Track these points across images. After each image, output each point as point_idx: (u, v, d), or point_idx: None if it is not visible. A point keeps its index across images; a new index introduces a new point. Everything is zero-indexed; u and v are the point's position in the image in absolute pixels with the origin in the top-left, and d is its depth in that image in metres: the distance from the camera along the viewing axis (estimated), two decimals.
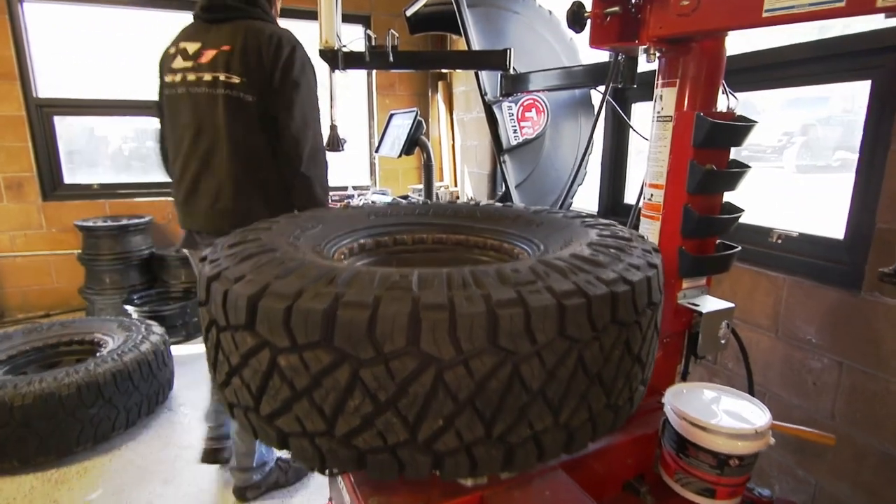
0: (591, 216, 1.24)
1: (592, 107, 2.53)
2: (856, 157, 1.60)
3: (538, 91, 2.17)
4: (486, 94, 2.16)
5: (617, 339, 0.78)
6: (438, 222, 1.38)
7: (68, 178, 3.66)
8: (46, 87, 3.54)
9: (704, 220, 1.28)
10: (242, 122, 1.66)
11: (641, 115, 2.49)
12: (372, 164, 4.47)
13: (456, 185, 4.21)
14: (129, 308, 3.09)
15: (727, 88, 1.31)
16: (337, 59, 1.87)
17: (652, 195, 1.37)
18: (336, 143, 2.05)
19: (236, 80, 1.63)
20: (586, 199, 2.74)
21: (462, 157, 4.15)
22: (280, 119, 1.66)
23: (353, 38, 1.97)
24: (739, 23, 1.07)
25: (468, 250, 1.35)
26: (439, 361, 0.68)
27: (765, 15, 1.02)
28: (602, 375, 0.78)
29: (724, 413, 1.19)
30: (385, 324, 0.67)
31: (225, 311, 0.79)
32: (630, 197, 2.55)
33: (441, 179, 4.33)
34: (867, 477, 1.51)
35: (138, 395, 2.15)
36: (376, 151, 3.29)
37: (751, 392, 1.46)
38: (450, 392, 0.69)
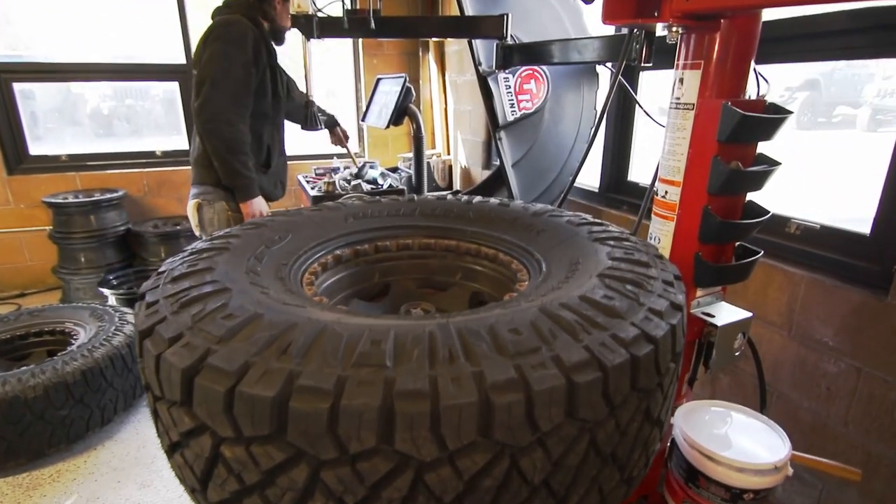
0: (599, 223, 1.08)
1: (597, 75, 2.32)
2: (856, 112, 1.44)
3: (539, 64, 1.96)
4: (480, 63, 1.94)
5: (636, 410, 0.65)
6: (426, 224, 1.22)
7: (37, 147, 3.42)
8: (4, 47, 3.24)
9: (726, 225, 1.13)
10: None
11: (648, 83, 2.28)
12: (360, 131, 4.23)
13: (449, 154, 3.99)
14: (105, 291, 2.94)
15: (758, 72, 1.14)
16: (311, 26, 1.65)
17: (666, 192, 1.21)
18: (314, 121, 1.85)
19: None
20: (586, 172, 2.55)
21: (455, 122, 3.92)
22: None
23: (331, 1, 1.75)
24: None
25: (459, 258, 1.20)
26: (419, 461, 0.55)
27: None
28: (616, 453, 0.65)
29: (738, 441, 1.09)
30: (350, 420, 0.54)
31: (158, 380, 0.65)
32: (635, 174, 2.38)
33: (433, 147, 4.10)
34: (877, 486, 1.43)
35: (113, 391, 2.04)
36: (363, 120, 3.07)
37: (763, 406, 1.36)
38: (433, 494, 0.56)
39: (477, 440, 0.55)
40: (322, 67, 4.23)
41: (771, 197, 1.16)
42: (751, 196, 1.18)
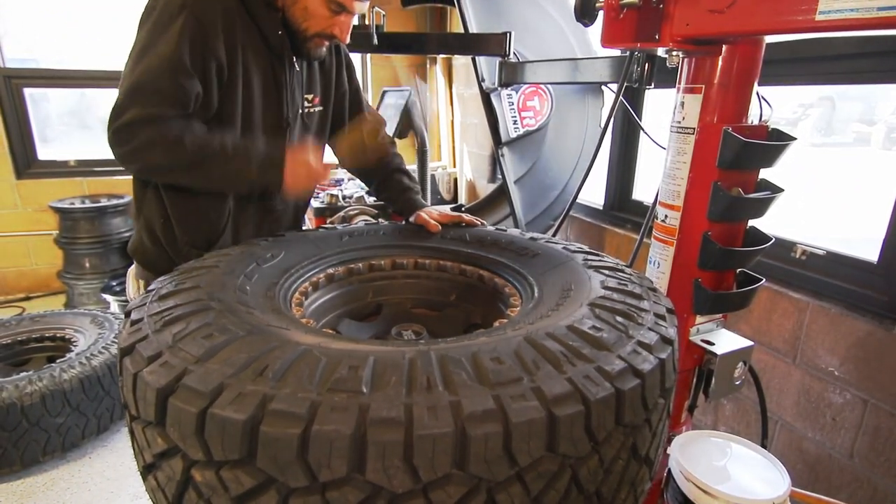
0: (595, 253, 1.06)
1: (601, 91, 2.31)
2: (871, 130, 1.41)
3: (541, 83, 1.96)
4: (483, 80, 1.95)
5: (622, 447, 0.63)
6: (421, 245, 1.21)
7: (47, 149, 3.45)
8: (16, 54, 3.30)
9: (726, 252, 1.11)
10: None
11: (658, 96, 2.26)
12: None
13: (454, 166, 4.00)
14: (108, 297, 2.95)
15: (760, 96, 1.12)
16: None
17: (666, 216, 1.19)
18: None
19: None
20: (589, 189, 2.53)
21: (461, 135, 3.93)
22: None
23: None
24: (785, 26, 0.87)
25: (454, 278, 1.19)
26: (391, 493, 0.53)
27: (819, 18, 0.82)
28: (601, 491, 0.63)
29: (736, 475, 1.05)
30: (321, 447, 0.52)
31: (135, 399, 0.64)
32: (639, 192, 2.36)
33: (438, 159, 4.11)
34: None
35: (110, 399, 2.03)
36: None
37: (764, 438, 1.32)
38: None
39: (452, 472, 0.53)
40: None
41: (780, 216, 1.14)
42: (753, 222, 1.17)
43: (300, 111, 1.27)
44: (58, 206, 3.11)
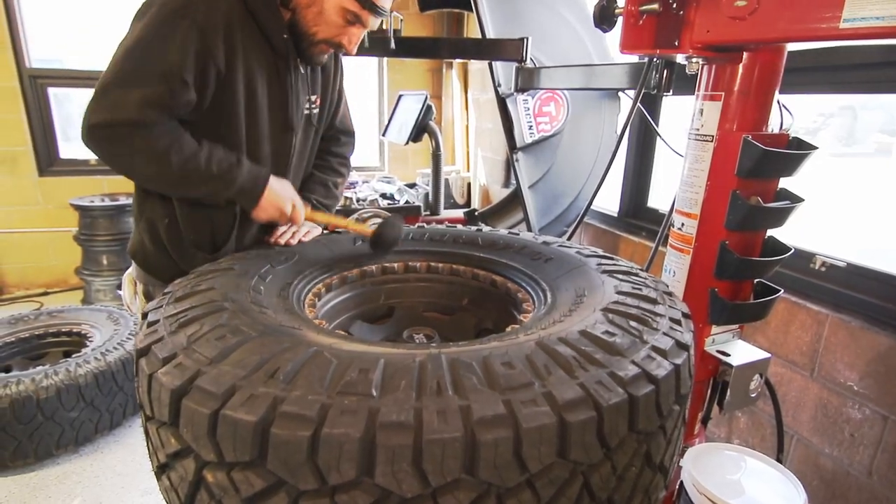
0: (609, 257, 1.05)
1: (618, 98, 2.30)
2: (893, 140, 1.39)
3: (557, 88, 1.95)
4: (499, 85, 1.95)
5: (635, 454, 0.62)
6: (434, 249, 1.21)
7: (69, 146, 3.52)
8: (41, 54, 3.38)
9: (744, 262, 1.09)
10: None
11: (676, 104, 2.24)
12: (381, 145, 4.27)
13: (468, 171, 4.00)
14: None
15: (781, 104, 1.11)
16: None
17: (683, 224, 1.18)
18: None
19: None
20: (604, 195, 2.50)
21: (476, 140, 3.93)
22: None
23: None
24: (808, 35, 0.86)
25: (466, 282, 1.18)
26: (400, 497, 0.53)
27: (843, 26, 0.81)
28: (613, 499, 0.62)
29: (751, 490, 1.03)
30: (330, 449, 0.52)
31: (150, 400, 0.64)
32: (655, 200, 2.33)
33: (453, 163, 4.12)
34: None
35: (123, 395, 2.06)
36: (383, 135, 3.10)
37: (779, 453, 1.30)
38: None
39: (461, 478, 0.53)
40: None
41: (798, 226, 1.12)
42: (772, 232, 1.15)
43: (304, 112, 1.27)
44: (78, 203, 3.17)
